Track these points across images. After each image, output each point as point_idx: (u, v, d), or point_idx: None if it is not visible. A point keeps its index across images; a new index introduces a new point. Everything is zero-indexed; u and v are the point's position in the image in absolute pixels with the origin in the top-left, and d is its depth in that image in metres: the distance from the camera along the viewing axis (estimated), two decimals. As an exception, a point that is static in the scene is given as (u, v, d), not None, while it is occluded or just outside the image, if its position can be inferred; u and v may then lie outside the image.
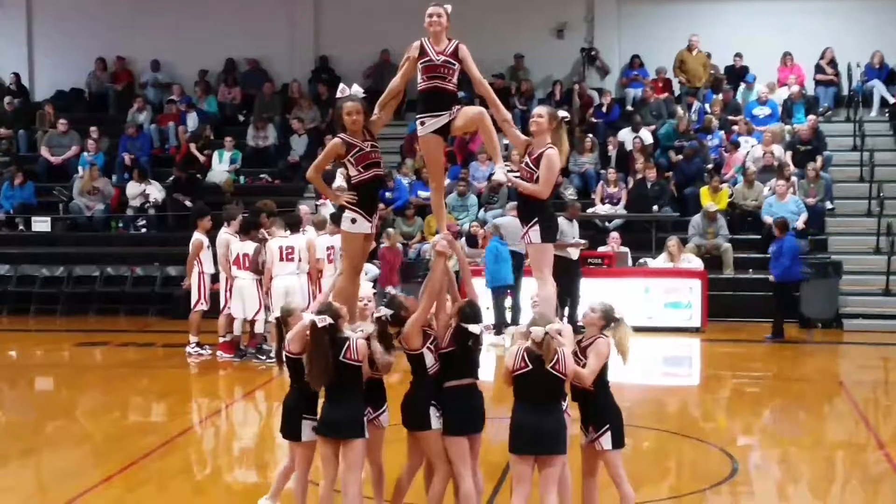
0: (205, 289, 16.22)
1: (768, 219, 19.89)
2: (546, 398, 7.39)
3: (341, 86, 8.43)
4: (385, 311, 7.80)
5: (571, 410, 8.02)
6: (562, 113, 8.47)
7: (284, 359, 7.93)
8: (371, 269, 17.82)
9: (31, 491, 9.90)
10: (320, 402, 7.87)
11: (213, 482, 10.25)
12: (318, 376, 7.56)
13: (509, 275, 17.20)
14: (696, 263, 18.98)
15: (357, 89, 8.35)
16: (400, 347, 7.86)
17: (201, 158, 23.62)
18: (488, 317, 16.10)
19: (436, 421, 7.70)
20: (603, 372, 7.67)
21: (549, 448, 7.35)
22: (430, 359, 7.73)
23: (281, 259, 15.27)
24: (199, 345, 16.17)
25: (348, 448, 7.59)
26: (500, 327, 17.02)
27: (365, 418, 7.70)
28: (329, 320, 7.55)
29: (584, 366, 7.59)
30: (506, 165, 8.33)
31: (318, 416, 7.72)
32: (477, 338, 7.75)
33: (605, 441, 7.63)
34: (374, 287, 13.82)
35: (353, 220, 8.15)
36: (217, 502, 9.23)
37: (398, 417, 7.89)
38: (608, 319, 7.73)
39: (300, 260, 15.34)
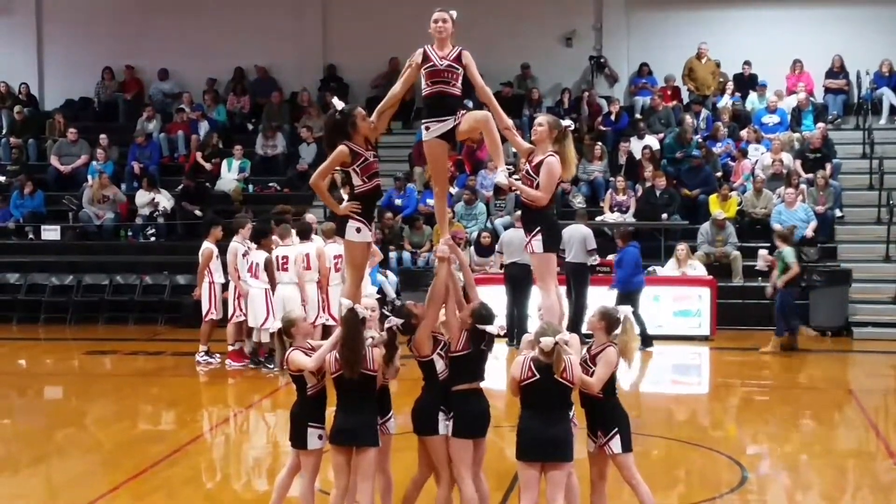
0: (215, 298, 16.25)
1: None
2: (553, 406, 7.42)
3: (335, 99, 8.38)
4: (395, 321, 7.82)
5: (577, 420, 8.04)
6: (565, 122, 8.45)
7: (288, 374, 8.00)
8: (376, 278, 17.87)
9: (41, 499, 9.94)
10: (329, 410, 7.90)
11: (223, 491, 10.26)
12: (355, 363, 7.56)
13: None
14: (701, 270, 18.96)
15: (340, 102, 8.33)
16: (409, 354, 7.89)
17: (207, 167, 23.65)
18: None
19: (443, 426, 7.73)
20: (610, 378, 7.69)
21: (556, 455, 7.38)
22: (440, 364, 7.76)
23: (277, 269, 15.34)
24: (208, 353, 16.20)
25: (362, 456, 7.62)
26: None
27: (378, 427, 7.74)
28: (366, 312, 7.65)
29: (592, 373, 7.61)
30: (508, 168, 8.35)
31: (332, 425, 7.75)
32: (492, 339, 7.78)
33: (615, 445, 7.66)
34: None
35: (358, 230, 8.14)
36: (226, 510, 9.26)
37: (406, 427, 7.91)
38: (609, 321, 7.74)
39: (309, 268, 15.37)
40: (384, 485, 8.11)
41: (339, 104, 8.23)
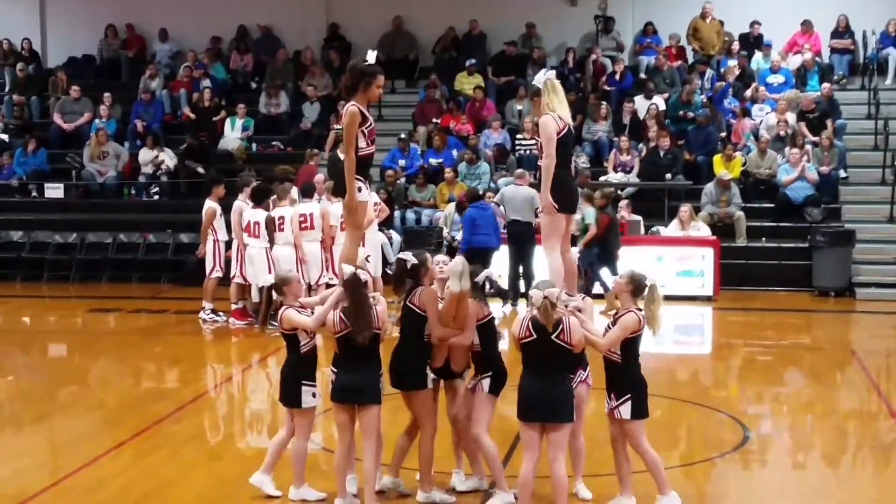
0: (219, 256, 16.30)
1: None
2: (552, 367, 7.42)
3: (371, 52, 8.34)
4: (411, 259, 7.94)
5: (591, 379, 8.08)
6: (536, 79, 8.52)
7: (280, 333, 8.05)
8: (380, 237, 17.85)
9: (44, 456, 9.96)
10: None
11: (226, 448, 10.30)
12: (366, 328, 7.59)
13: None
14: (705, 231, 18.94)
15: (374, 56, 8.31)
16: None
17: (192, 116, 23.60)
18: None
19: (429, 380, 7.89)
20: (633, 343, 7.72)
21: (554, 416, 7.41)
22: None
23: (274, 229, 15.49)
24: (213, 311, 16.25)
25: (364, 414, 7.65)
26: None
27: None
28: (366, 276, 7.72)
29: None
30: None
31: (334, 383, 7.76)
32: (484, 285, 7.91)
33: (625, 410, 7.66)
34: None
35: (359, 189, 8.14)
36: (229, 468, 9.28)
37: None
38: (636, 285, 7.74)
39: (312, 227, 15.42)
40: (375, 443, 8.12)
41: (372, 57, 8.22)
